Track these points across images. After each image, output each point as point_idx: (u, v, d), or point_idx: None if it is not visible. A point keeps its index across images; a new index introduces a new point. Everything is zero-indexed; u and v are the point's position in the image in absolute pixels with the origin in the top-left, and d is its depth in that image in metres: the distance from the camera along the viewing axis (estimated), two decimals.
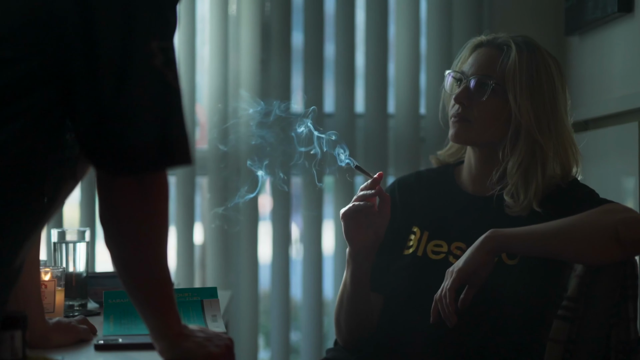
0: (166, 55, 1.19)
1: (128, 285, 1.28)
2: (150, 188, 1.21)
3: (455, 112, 1.94)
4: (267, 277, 2.98)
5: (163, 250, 1.26)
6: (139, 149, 1.17)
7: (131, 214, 1.21)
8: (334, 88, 2.97)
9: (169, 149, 1.19)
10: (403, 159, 2.97)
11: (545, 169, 1.89)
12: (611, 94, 2.59)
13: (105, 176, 1.21)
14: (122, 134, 1.17)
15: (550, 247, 1.78)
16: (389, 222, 1.92)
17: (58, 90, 1.17)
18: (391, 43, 3.01)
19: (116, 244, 1.25)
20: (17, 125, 1.15)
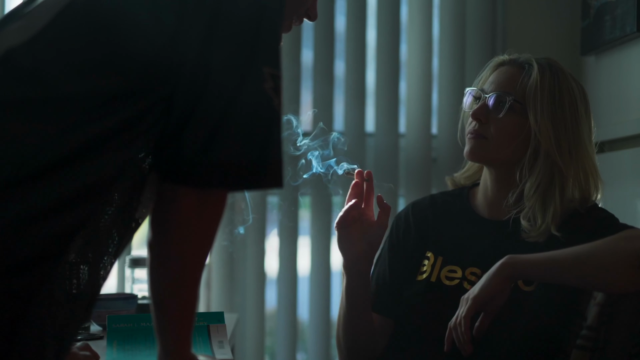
0: (275, 82, 1.25)
1: (160, 307, 1.27)
2: (217, 207, 1.25)
3: (472, 128, 1.91)
4: (273, 295, 2.94)
5: (201, 275, 1.28)
6: (237, 166, 1.22)
7: (195, 228, 1.23)
8: (343, 106, 2.94)
9: (264, 170, 1.24)
10: (414, 179, 2.94)
11: (564, 193, 1.85)
12: (628, 116, 2.56)
13: (181, 192, 1.22)
14: (224, 149, 1.21)
15: (570, 274, 1.73)
16: (387, 235, 1.90)
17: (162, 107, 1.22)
18: (402, 62, 2.98)
19: (164, 265, 1.25)
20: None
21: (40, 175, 1.13)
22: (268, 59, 1.25)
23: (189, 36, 1.21)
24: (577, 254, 1.73)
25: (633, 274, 1.71)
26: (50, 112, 1.15)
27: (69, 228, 1.15)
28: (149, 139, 1.21)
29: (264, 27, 1.25)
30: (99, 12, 1.22)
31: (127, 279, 2.32)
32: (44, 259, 1.13)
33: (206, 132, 1.21)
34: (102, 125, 1.17)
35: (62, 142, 1.14)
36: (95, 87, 1.18)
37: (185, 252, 1.24)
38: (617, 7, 2.56)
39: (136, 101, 1.19)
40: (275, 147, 1.25)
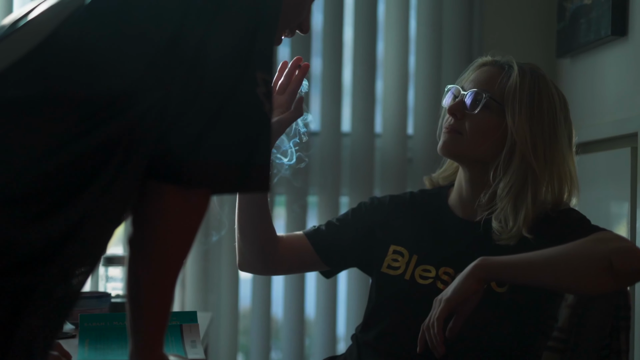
0: (267, 87, 1.27)
1: (136, 304, 1.27)
2: (201, 206, 1.26)
3: (447, 124, 1.92)
4: (247, 294, 2.93)
5: (178, 274, 1.28)
6: (224, 167, 1.24)
7: (178, 227, 1.24)
8: (320, 105, 2.94)
9: (250, 173, 1.26)
10: (390, 179, 2.94)
11: (536, 196, 1.86)
12: (603, 119, 2.57)
13: (166, 190, 1.23)
14: (212, 149, 1.23)
15: (542, 276, 1.74)
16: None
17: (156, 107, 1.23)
18: (379, 61, 2.98)
19: (144, 262, 1.25)
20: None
21: (37, 182, 1.14)
22: (262, 64, 1.27)
23: (190, 39, 1.23)
24: (549, 256, 1.74)
25: (603, 276, 1.71)
26: (51, 116, 1.16)
27: (64, 230, 1.15)
28: (146, 143, 1.21)
29: (260, 34, 1.27)
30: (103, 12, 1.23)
31: (101, 277, 2.31)
32: (39, 260, 1.14)
33: (196, 131, 1.22)
34: (102, 131, 1.17)
35: (61, 150, 1.15)
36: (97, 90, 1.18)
37: (167, 250, 1.24)
38: (592, 11, 2.57)
39: (139, 100, 1.20)
40: (263, 151, 1.27)
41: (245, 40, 1.26)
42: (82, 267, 1.20)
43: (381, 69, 2.98)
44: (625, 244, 1.75)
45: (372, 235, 2.01)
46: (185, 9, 1.24)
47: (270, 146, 1.30)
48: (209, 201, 1.26)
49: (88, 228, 1.18)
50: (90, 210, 1.17)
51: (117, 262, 2.31)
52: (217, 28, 1.25)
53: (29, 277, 1.13)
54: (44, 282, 1.15)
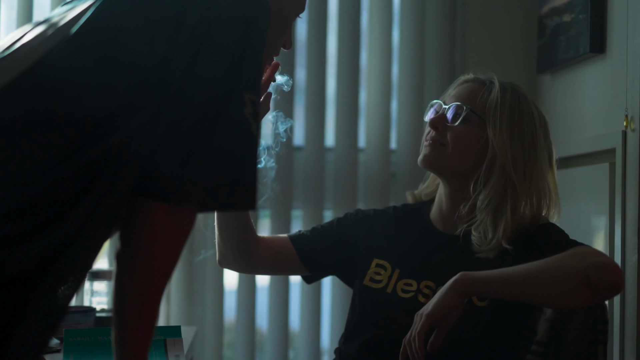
0: (254, 107, 1.30)
1: (122, 319, 1.29)
2: (187, 224, 1.28)
3: (429, 136, 1.95)
4: (232, 306, 2.95)
5: (164, 290, 1.30)
6: (211, 185, 1.26)
7: (164, 243, 1.26)
8: (304, 120, 2.95)
9: (237, 192, 1.28)
10: (373, 193, 2.96)
11: (515, 210, 1.88)
12: (583, 134, 2.60)
13: (153, 207, 1.25)
14: (200, 167, 1.25)
15: (520, 291, 1.76)
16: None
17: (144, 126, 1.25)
18: (363, 72, 3.00)
19: (131, 277, 1.27)
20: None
21: (28, 201, 1.16)
22: (249, 86, 1.30)
23: (179, 59, 1.25)
24: (527, 271, 1.76)
25: (581, 290, 1.73)
26: (40, 137, 1.18)
27: (54, 247, 1.17)
28: (135, 161, 1.23)
29: (248, 57, 1.30)
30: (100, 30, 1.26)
31: (86, 291, 2.32)
32: (30, 276, 1.16)
33: (184, 150, 1.24)
34: (91, 150, 1.20)
35: (51, 169, 1.17)
36: (86, 111, 1.20)
37: (153, 265, 1.26)
38: (571, 28, 2.59)
39: (127, 120, 1.22)
40: (250, 170, 1.29)
41: (233, 62, 1.29)
42: (69, 281, 1.22)
43: (364, 80, 3.00)
44: (603, 258, 1.77)
45: (355, 247, 2.03)
46: (176, 31, 1.27)
47: (257, 165, 1.32)
48: (195, 218, 1.28)
49: (77, 244, 1.20)
50: (80, 227, 1.19)
51: (102, 277, 2.32)
52: (206, 50, 1.27)
53: (20, 293, 1.15)
54: (33, 297, 1.17)
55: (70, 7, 1.35)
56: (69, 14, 1.30)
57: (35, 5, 2.80)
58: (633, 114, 2.28)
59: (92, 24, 1.26)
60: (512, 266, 1.78)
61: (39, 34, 1.29)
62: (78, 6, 1.32)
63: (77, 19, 1.27)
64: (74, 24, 1.27)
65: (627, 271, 2.27)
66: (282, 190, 2.85)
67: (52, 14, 1.36)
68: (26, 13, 2.78)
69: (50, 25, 1.30)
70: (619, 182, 2.32)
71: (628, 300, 2.26)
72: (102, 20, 1.27)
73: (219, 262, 2.05)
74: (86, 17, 1.27)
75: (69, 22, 1.28)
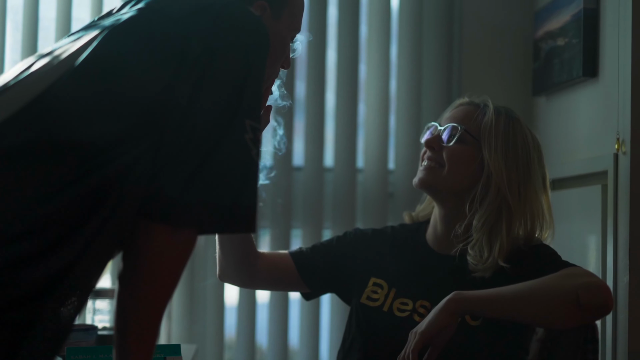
0: (255, 133, 1.33)
1: (124, 337, 1.31)
2: (188, 245, 1.31)
3: (425, 156, 1.99)
4: (233, 323, 2.97)
5: (165, 309, 1.33)
6: (212, 208, 1.29)
7: (165, 264, 1.29)
8: (303, 140, 2.98)
9: (237, 215, 1.31)
10: (371, 213, 2.98)
11: (510, 229, 1.92)
12: (576, 156, 2.62)
13: (155, 229, 1.28)
14: (201, 191, 1.28)
15: (512, 310, 1.79)
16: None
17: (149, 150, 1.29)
18: (361, 86, 3.02)
19: (133, 297, 1.30)
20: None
21: (34, 224, 1.19)
22: (250, 112, 1.34)
23: (182, 88, 1.30)
24: (519, 291, 1.80)
25: (571, 310, 1.77)
26: (47, 163, 1.22)
27: (60, 268, 1.21)
28: (138, 185, 1.27)
29: (249, 84, 1.34)
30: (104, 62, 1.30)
31: (88, 309, 2.34)
32: (36, 296, 1.19)
33: (186, 173, 1.28)
34: (96, 175, 1.24)
35: (57, 194, 1.21)
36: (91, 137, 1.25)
37: (154, 285, 1.29)
38: (564, 52, 2.62)
39: (130, 148, 1.26)
40: (250, 194, 1.33)
41: (234, 90, 1.33)
42: (73, 300, 1.25)
43: (363, 94, 3.02)
44: (593, 279, 1.81)
45: (353, 265, 2.06)
46: (178, 60, 1.31)
47: (257, 189, 1.35)
48: (195, 240, 1.32)
49: (82, 266, 1.24)
50: (84, 249, 1.23)
51: (104, 295, 2.34)
52: (208, 78, 1.32)
53: (26, 312, 1.19)
54: (39, 317, 1.20)
55: (75, 37, 1.39)
56: (74, 45, 1.35)
57: (41, 28, 2.84)
58: (624, 137, 2.31)
59: (97, 56, 1.30)
60: (506, 286, 1.81)
61: (45, 64, 1.33)
62: (83, 37, 1.36)
63: (82, 50, 1.32)
64: (78, 56, 1.31)
65: (619, 291, 2.30)
66: (282, 210, 2.89)
67: (58, 45, 1.40)
68: (31, 35, 2.82)
69: (56, 56, 1.34)
70: (611, 203, 2.34)
71: (620, 320, 2.28)
72: (106, 52, 1.31)
73: (219, 276, 2.08)
74: (91, 48, 1.31)
75: (73, 53, 1.32)
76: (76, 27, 2.78)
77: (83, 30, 1.42)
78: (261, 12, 1.55)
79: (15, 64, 2.75)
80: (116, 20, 1.37)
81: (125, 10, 1.45)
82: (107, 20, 1.42)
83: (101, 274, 1.32)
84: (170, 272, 1.30)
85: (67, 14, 2.84)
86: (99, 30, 1.35)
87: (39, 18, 2.83)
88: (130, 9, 1.43)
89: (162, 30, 1.34)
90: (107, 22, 1.40)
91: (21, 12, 2.82)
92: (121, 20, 1.37)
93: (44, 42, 2.84)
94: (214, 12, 1.38)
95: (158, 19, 1.37)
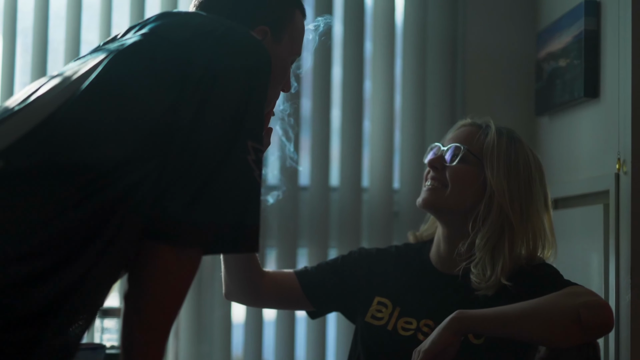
0: (257, 154, 1.36)
1: (129, 357, 1.33)
2: (192, 265, 1.33)
3: (429, 176, 2.02)
4: (240, 341, 2.97)
5: (171, 328, 1.34)
6: (215, 228, 1.32)
7: (170, 284, 1.31)
8: (309, 160, 3.01)
9: (240, 235, 1.34)
10: (376, 232, 3.00)
11: (513, 248, 1.94)
12: (578, 175, 2.64)
13: (160, 249, 1.30)
14: (205, 211, 1.31)
15: (514, 329, 1.81)
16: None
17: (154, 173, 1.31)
18: (366, 102, 3.04)
19: (139, 317, 1.32)
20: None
21: (41, 244, 1.22)
22: (252, 134, 1.37)
23: (186, 110, 1.32)
24: (521, 310, 1.81)
25: (572, 329, 1.78)
26: (54, 184, 1.25)
27: (65, 288, 1.23)
28: (142, 207, 1.30)
29: (251, 106, 1.37)
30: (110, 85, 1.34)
31: (96, 328, 2.35)
32: (42, 315, 1.22)
33: (190, 194, 1.31)
34: (101, 196, 1.26)
35: (64, 214, 1.24)
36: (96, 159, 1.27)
37: (159, 305, 1.32)
38: (566, 73, 2.64)
39: (135, 169, 1.29)
40: (253, 214, 1.35)
41: (237, 112, 1.35)
42: (80, 319, 1.28)
43: (368, 111, 3.04)
44: (594, 298, 1.82)
45: (358, 284, 2.08)
46: (181, 84, 1.34)
47: (260, 209, 1.38)
48: (200, 260, 1.34)
49: (88, 285, 1.26)
50: (90, 269, 1.26)
51: (112, 314, 2.36)
52: (211, 101, 1.34)
53: (33, 331, 1.21)
54: (46, 335, 1.22)
55: (82, 61, 1.42)
56: (81, 68, 1.38)
57: (50, 50, 2.88)
58: (625, 157, 2.32)
59: (101, 80, 1.33)
60: (508, 305, 1.82)
61: (52, 87, 1.36)
62: (90, 60, 1.39)
63: (88, 74, 1.35)
64: (84, 80, 1.34)
65: (621, 310, 2.31)
66: (288, 229, 2.91)
67: (66, 68, 1.43)
68: (41, 57, 2.86)
69: (63, 80, 1.37)
70: (613, 223, 2.35)
71: (622, 339, 2.29)
72: (111, 76, 1.34)
73: (225, 295, 2.10)
74: (96, 73, 1.34)
75: (79, 77, 1.35)
76: (85, 49, 2.83)
77: (90, 54, 1.46)
78: (262, 36, 1.58)
79: (24, 85, 2.79)
80: (121, 45, 1.40)
81: (129, 35, 1.48)
82: (112, 44, 1.45)
83: (108, 294, 1.34)
84: (176, 291, 1.32)
85: (76, 36, 2.87)
86: (104, 54, 1.38)
87: (48, 40, 2.86)
88: (135, 34, 1.46)
89: (165, 55, 1.37)
90: (112, 46, 1.43)
91: (31, 34, 2.86)
92: (125, 44, 1.40)
93: (53, 64, 2.87)
94: (216, 36, 1.41)
95: (161, 43, 1.39)
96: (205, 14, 1.55)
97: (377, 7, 3.06)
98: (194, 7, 1.63)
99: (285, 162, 2.08)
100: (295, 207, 2.96)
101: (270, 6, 1.63)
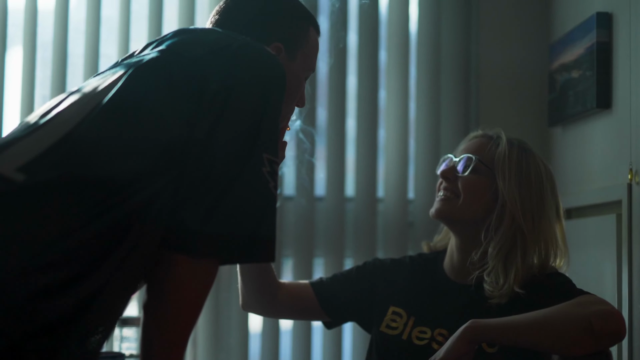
0: (272, 167, 1.38)
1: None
2: (209, 275, 1.35)
3: (441, 186, 2.03)
4: (257, 350, 2.99)
5: (189, 336, 1.36)
6: (232, 239, 1.34)
7: (188, 294, 1.33)
8: (325, 170, 3.03)
9: (256, 245, 1.36)
10: (391, 242, 3.02)
11: (525, 257, 1.95)
12: (591, 185, 2.65)
13: (177, 260, 1.33)
14: (221, 222, 1.33)
15: (527, 338, 1.82)
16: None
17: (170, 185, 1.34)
18: (381, 112, 3.07)
19: (157, 326, 1.34)
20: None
21: (62, 255, 1.24)
22: (267, 147, 1.39)
23: (202, 123, 1.35)
24: (534, 319, 1.82)
25: (584, 338, 1.79)
26: (75, 196, 1.27)
27: (85, 298, 1.26)
28: (160, 218, 1.32)
29: (266, 119, 1.40)
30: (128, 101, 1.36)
31: (115, 337, 2.38)
32: (63, 324, 1.24)
33: (207, 206, 1.33)
34: (120, 209, 1.29)
35: (84, 226, 1.26)
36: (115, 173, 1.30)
37: (177, 315, 1.34)
38: (579, 84, 2.66)
39: (152, 182, 1.31)
40: (268, 225, 1.37)
41: (253, 125, 1.38)
42: (100, 329, 1.30)
43: (383, 121, 3.06)
44: (606, 307, 1.82)
45: (373, 294, 2.10)
46: (198, 97, 1.36)
47: (275, 220, 1.40)
48: (216, 270, 1.36)
49: (107, 295, 1.29)
50: (109, 280, 1.28)
51: (131, 323, 2.38)
52: (227, 114, 1.37)
53: (53, 339, 1.24)
54: (66, 344, 1.25)
55: (101, 77, 1.45)
56: (101, 84, 1.41)
57: (69, 64, 2.92)
58: (637, 167, 2.33)
59: (120, 96, 1.36)
60: (521, 314, 1.83)
61: (72, 102, 1.39)
62: (109, 77, 1.42)
63: (108, 90, 1.38)
64: (104, 95, 1.37)
65: (634, 319, 2.31)
66: (303, 240, 2.94)
67: (85, 84, 1.46)
68: (60, 71, 2.90)
69: (83, 95, 1.40)
70: (625, 232, 2.36)
71: (635, 347, 2.30)
72: (129, 92, 1.37)
73: (242, 306, 2.12)
74: (115, 89, 1.37)
75: (100, 92, 1.38)
76: (103, 63, 2.87)
77: (109, 69, 1.48)
78: (277, 52, 1.60)
79: (44, 99, 2.83)
80: (139, 61, 1.43)
81: (147, 51, 1.51)
82: (130, 60, 1.48)
83: (127, 304, 1.36)
84: (193, 301, 1.34)
85: (95, 51, 2.91)
86: (123, 70, 1.41)
87: (67, 55, 2.90)
88: (152, 50, 1.49)
89: (182, 71, 1.39)
90: (130, 62, 1.45)
91: (50, 49, 2.90)
92: (143, 61, 1.42)
93: (72, 77, 2.91)
94: (231, 51, 1.43)
95: (178, 60, 1.42)
96: (221, 30, 1.58)
97: (392, 17, 3.09)
98: (210, 23, 1.66)
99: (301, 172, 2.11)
100: (311, 218, 2.98)
101: (284, 23, 1.65)
